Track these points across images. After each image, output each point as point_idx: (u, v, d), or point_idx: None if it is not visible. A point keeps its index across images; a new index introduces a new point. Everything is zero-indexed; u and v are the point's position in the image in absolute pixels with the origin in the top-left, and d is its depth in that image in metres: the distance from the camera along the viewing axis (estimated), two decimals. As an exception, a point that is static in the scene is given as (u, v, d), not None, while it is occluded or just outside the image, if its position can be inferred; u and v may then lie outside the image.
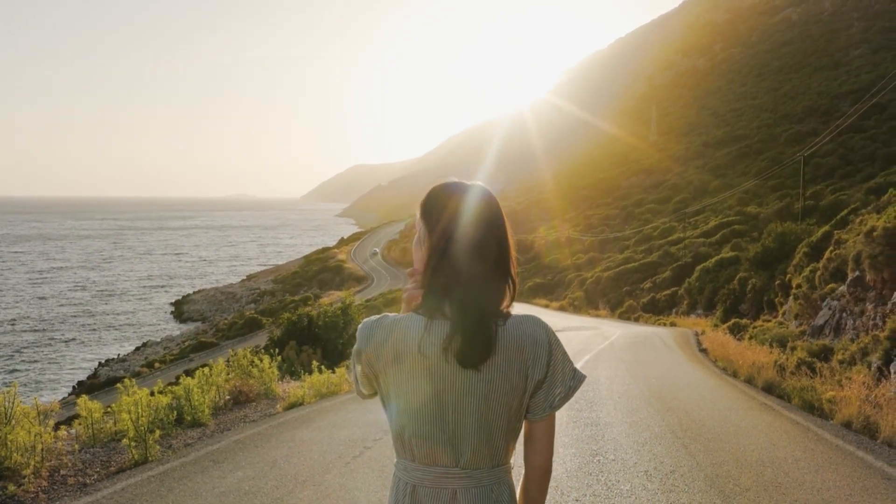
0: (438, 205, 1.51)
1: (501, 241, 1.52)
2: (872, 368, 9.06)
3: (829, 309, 13.32)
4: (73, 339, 42.91)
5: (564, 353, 1.54)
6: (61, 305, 54.59)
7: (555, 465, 5.58)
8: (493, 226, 1.51)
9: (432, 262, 1.49)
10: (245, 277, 76.37)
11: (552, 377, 1.51)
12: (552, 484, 5.07)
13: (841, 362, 10.23)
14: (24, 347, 39.67)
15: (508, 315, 1.50)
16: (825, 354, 11.11)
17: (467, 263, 1.47)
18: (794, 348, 12.33)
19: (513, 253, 1.54)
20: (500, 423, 1.47)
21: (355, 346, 1.53)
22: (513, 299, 1.54)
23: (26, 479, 5.27)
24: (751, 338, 15.76)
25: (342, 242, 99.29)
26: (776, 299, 20.18)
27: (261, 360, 9.81)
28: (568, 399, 1.55)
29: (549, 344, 1.50)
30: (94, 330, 46.58)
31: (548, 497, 4.72)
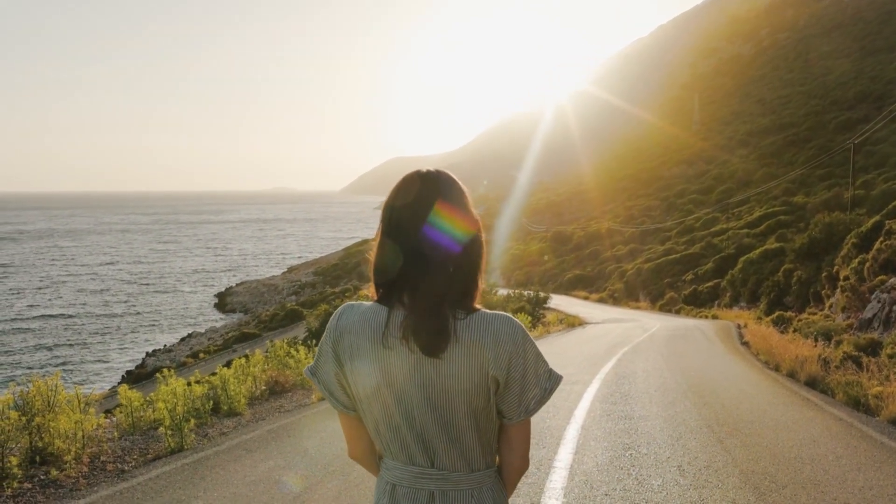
0: (398, 195, 1.47)
1: (465, 230, 1.45)
2: (923, 363, 8.72)
3: (879, 302, 12.89)
4: (122, 331, 44.19)
5: (538, 354, 1.47)
6: (110, 299, 56.18)
7: (585, 459, 5.52)
8: (455, 215, 1.45)
9: (392, 253, 1.44)
10: (286, 270, 77.42)
11: (525, 379, 1.44)
12: (582, 477, 5.02)
13: (890, 357, 9.88)
14: (76, 340, 40.96)
15: (475, 310, 1.44)
16: (873, 349, 10.75)
17: (424, 253, 1.42)
18: (839, 342, 11.96)
19: (483, 246, 1.48)
20: (466, 422, 1.43)
21: (329, 344, 1.47)
22: (478, 293, 1.47)
23: (67, 465, 5.44)
24: (795, 331, 15.34)
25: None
26: (823, 292, 19.62)
27: (297, 352, 9.96)
28: (545, 401, 1.48)
29: (517, 343, 1.42)
30: (142, 322, 47.85)
31: (577, 490, 4.68)
